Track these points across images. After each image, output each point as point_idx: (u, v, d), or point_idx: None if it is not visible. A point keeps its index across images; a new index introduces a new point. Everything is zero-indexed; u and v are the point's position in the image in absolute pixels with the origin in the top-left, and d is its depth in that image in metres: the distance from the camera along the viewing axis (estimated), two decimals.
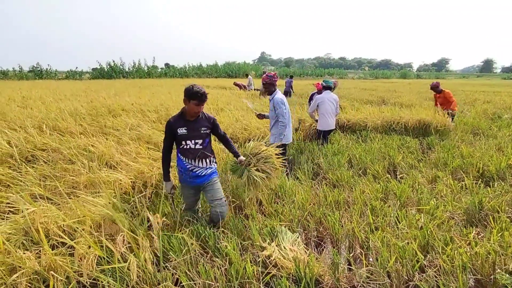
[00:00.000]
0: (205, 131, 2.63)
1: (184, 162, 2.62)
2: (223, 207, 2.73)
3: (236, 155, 3.00)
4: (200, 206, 3.06)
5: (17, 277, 1.91)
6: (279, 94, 4.10)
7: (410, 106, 10.36)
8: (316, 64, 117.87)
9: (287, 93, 14.70)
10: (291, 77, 16.36)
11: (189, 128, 2.56)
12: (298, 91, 17.38)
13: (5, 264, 1.98)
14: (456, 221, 2.99)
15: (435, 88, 7.06)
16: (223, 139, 2.91)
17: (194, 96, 2.44)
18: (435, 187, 3.70)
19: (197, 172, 2.64)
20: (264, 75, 4.11)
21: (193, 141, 2.58)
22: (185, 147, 2.58)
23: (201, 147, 2.61)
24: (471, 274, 2.19)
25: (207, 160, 2.68)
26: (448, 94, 7.01)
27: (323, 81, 5.82)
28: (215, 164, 2.83)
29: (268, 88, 4.13)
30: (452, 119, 6.87)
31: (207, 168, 2.69)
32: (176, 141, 2.61)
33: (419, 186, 3.69)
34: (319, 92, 8.00)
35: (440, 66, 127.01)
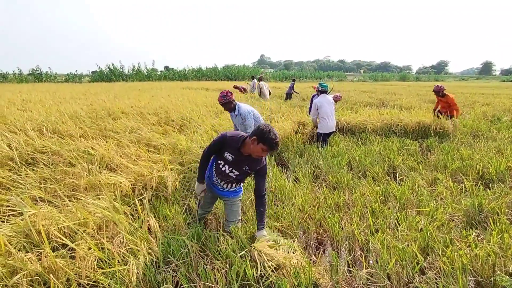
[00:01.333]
0: (247, 170, 2.43)
1: (214, 173, 2.56)
2: (230, 228, 2.65)
3: (258, 225, 2.47)
4: (212, 209, 3.03)
5: (18, 279, 1.91)
6: (243, 106, 4.11)
7: (409, 108, 10.40)
8: (316, 67, 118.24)
9: (288, 95, 14.65)
10: (293, 80, 16.25)
11: (236, 159, 2.37)
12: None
13: (6, 266, 1.98)
14: (456, 223, 3.00)
15: (437, 92, 6.87)
16: (258, 196, 2.46)
17: (267, 143, 2.13)
18: (435, 189, 3.71)
19: (219, 188, 2.62)
20: (219, 96, 4.03)
21: (230, 169, 2.44)
22: (220, 166, 2.47)
23: (234, 176, 2.47)
24: (471, 276, 2.19)
25: (234, 185, 2.60)
26: (452, 100, 6.84)
27: (319, 84, 5.82)
28: (241, 183, 2.69)
29: (228, 106, 4.08)
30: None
31: (230, 189, 2.63)
32: (218, 154, 2.50)
33: (419, 188, 3.70)
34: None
35: (440, 69, 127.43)
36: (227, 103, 4.03)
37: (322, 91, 5.70)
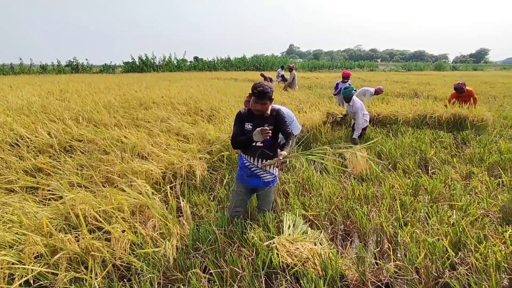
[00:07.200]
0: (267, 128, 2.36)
1: (244, 159, 2.59)
2: (265, 213, 2.68)
3: (281, 147, 2.57)
4: (248, 207, 2.96)
5: (58, 257, 2.07)
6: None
7: (444, 99, 9.87)
8: (346, 56, 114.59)
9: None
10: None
11: (255, 125, 2.42)
12: (327, 83, 17.12)
13: (48, 245, 2.15)
14: (491, 219, 2.86)
15: (460, 89, 6.66)
16: (287, 136, 2.57)
17: (253, 92, 2.35)
18: (469, 184, 3.54)
19: (254, 171, 2.57)
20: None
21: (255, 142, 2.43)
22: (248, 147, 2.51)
23: (261, 145, 2.46)
24: (505, 273, 2.10)
25: (268, 159, 2.51)
26: (472, 92, 6.77)
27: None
28: (276, 170, 2.63)
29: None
30: None
31: (265, 171, 2.58)
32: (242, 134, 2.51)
33: (452, 182, 3.55)
34: (345, 78, 7.83)
35: (479, 57, 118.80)
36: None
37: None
